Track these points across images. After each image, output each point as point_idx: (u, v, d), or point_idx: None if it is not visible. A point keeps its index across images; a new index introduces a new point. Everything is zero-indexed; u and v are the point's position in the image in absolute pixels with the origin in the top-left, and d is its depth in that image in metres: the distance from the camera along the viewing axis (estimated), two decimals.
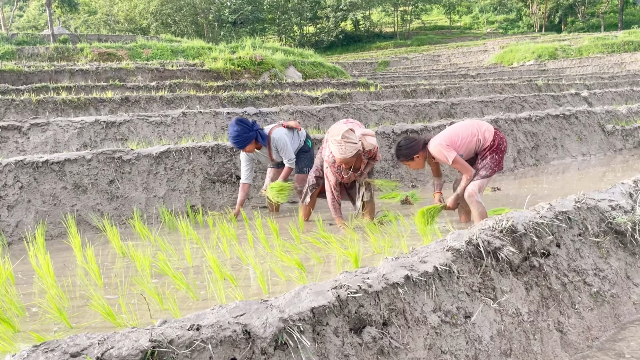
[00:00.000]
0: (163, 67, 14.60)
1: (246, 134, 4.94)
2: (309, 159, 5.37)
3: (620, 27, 46.32)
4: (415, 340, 2.22)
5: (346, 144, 4.14)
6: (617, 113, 9.94)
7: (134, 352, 1.71)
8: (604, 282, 3.10)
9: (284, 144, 5.12)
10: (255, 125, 5.05)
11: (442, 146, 4.27)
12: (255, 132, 5.01)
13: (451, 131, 4.42)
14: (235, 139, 4.94)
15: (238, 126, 4.92)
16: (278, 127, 5.23)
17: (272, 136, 5.14)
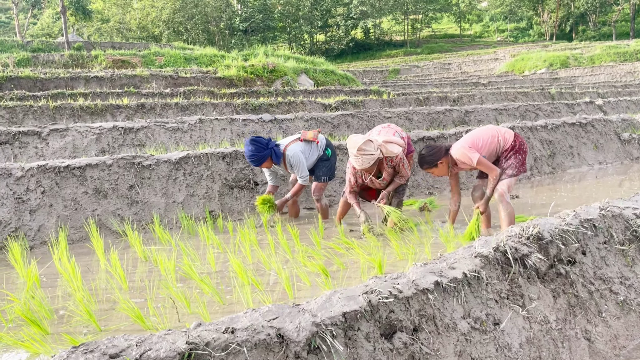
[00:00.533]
0: (177, 75, 14.73)
1: (261, 152, 5.01)
2: (328, 168, 5.34)
3: (632, 35, 46.13)
4: (445, 346, 2.21)
5: (363, 157, 4.30)
6: (634, 121, 9.88)
7: (171, 354, 1.72)
8: (630, 290, 3.07)
9: (297, 161, 5.13)
10: (270, 143, 5.08)
11: (465, 148, 4.30)
12: (270, 151, 5.05)
13: (472, 135, 4.45)
14: (251, 158, 5.02)
15: (252, 146, 4.99)
16: (294, 143, 5.20)
17: (286, 153, 5.16)
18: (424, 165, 4.44)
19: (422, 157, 4.42)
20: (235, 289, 3.09)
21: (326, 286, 2.95)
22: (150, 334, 1.81)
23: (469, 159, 4.28)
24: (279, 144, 5.22)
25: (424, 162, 4.43)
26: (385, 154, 4.47)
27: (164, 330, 1.85)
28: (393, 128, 4.90)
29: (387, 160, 4.58)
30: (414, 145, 6.91)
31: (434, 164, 4.39)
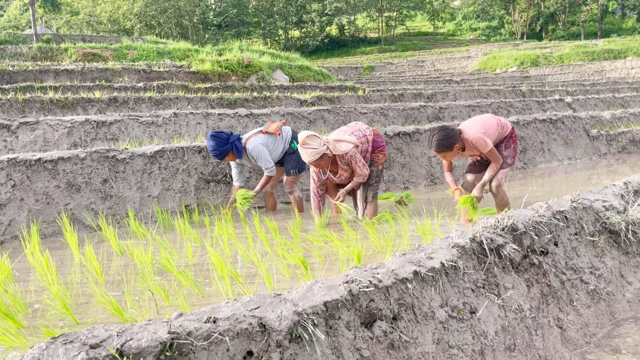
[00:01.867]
0: (150, 68, 14.52)
1: (222, 147, 5.06)
2: (296, 161, 5.37)
3: (599, 35, 47.29)
4: (423, 334, 2.25)
5: (306, 150, 4.46)
6: (601, 118, 10.15)
7: (153, 343, 1.71)
8: (600, 280, 3.17)
9: (258, 154, 5.16)
10: (231, 137, 5.10)
11: (481, 134, 4.34)
12: (231, 145, 5.09)
13: (481, 121, 4.49)
14: (213, 153, 5.10)
15: (213, 141, 5.03)
16: (255, 136, 5.23)
17: (247, 147, 5.18)
18: (443, 148, 4.32)
19: (440, 140, 4.30)
20: (214, 281, 3.09)
21: (305, 278, 2.97)
22: (131, 325, 1.79)
23: (484, 144, 4.32)
24: (241, 137, 5.24)
25: (443, 145, 4.30)
26: (333, 151, 4.58)
27: (145, 320, 1.84)
28: (356, 127, 4.96)
29: (340, 158, 4.69)
30: (390, 140, 6.97)
31: (451, 148, 4.31)
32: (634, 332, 2.79)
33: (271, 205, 5.61)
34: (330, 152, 4.60)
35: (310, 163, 4.57)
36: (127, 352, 1.65)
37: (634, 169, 7.66)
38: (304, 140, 4.47)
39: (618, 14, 54.54)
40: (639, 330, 2.80)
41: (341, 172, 4.80)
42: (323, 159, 4.56)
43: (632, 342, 2.69)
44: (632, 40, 37.42)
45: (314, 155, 4.48)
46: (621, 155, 9.45)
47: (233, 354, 1.81)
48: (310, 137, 4.47)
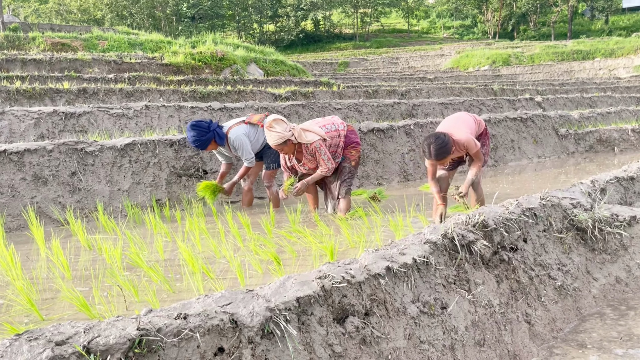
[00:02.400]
0: (121, 60, 14.23)
1: (203, 137, 5.02)
2: (275, 155, 5.33)
3: (569, 36, 48.32)
4: (395, 330, 2.26)
5: (271, 133, 4.55)
6: (570, 118, 10.37)
7: (121, 340, 1.68)
8: (567, 276, 3.24)
9: (239, 144, 5.12)
10: (212, 126, 5.06)
11: (470, 135, 4.38)
12: (213, 133, 5.05)
13: (462, 122, 4.52)
14: (194, 143, 5.04)
15: (194, 131, 4.99)
16: (237, 126, 5.19)
17: (229, 136, 5.14)
18: (444, 155, 4.21)
19: (440, 148, 4.18)
20: (185, 276, 3.04)
21: (278, 273, 2.96)
22: (99, 321, 1.75)
23: (474, 145, 4.34)
24: (222, 125, 5.20)
25: (443, 152, 4.19)
26: (298, 139, 4.64)
27: (113, 316, 1.80)
28: (330, 120, 4.98)
29: (305, 147, 4.73)
30: (364, 136, 6.99)
31: (450, 153, 4.25)
32: (599, 327, 2.86)
33: (248, 201, 5.57)
34: (295, 140, 4.65)
35: (274, 146, 4.64)
36: (95, 349, 1.61)
37: (601, 168, 7.86)
38: (270, 123, 4.55)
39: (587, 16, 55.83)
40: (604, 326, 2.87)
41: (305, 162, 4.84)
42: (287, 145, 4.63)
43: (598, 337, 2.75)
44: (600, 41, 38.35)
45: (277, 139, 4.55)
46: (588, 154, 9.68)
47: (204, 350, 1.79)
48: (276, 121, 4.56)
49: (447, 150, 4.17)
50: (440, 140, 4.16)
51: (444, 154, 4.18)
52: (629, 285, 3.36)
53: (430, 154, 4.17)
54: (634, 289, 3.34)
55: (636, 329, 2.78)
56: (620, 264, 3.43)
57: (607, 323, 2.90)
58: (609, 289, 3.33)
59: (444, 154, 4.18)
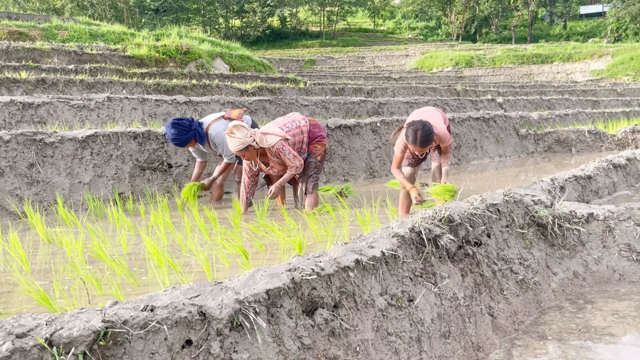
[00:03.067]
0: (82, 50, 13.82)
1: (184, 135, 4.97)
2: None
3: (529, 40, 49.67)
4: (363, 322, 2.27)
5: (231, 139, 4.49)
6: (530, 119, 10.67)
7: (85, 332, 1.63)
8: (528, 270, 3.33)
9: (220, 140, 5.09)
10: (193, 124, 5.01)
11: (445, 129, 4.46)
12: (194, 132, 5.02)
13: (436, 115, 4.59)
14: (174, 141, 4.98)
15: (175, 129, 4.92)
16: (217, 122, 5.14)
17: (209, 133, 5.09)
18: (429, 142, 4.28)
19: (426, 136, 4.24)
20: (150, 269, 2.98)
21: (246, 267, 2.93)
22: (62, 313, 1.70)
23: (448, 138, 4.45)
24: (201, 122, 5.13)
25: (429, 140, 4.26)
26: (260, 143, 4.60)
27: (77, 309, 1.75)
28: (290, 118, 4.97)
29: (268, 150, 4.69)
30: (331, 132, 7.00)
31: (432, 141, 4.32)
32: (558, 320, 2.95)
33: (217, 196, 5.52)
34: (257, 145, 4.60)
35: (236, 153, 4.59)
36: (57, 341, 1.56)
37: (559, 167, 8.11)
38: (230, 129, 4.50)
39: (547, 21, 57.52)
40: (562, 318, 2.97)
41: (272, 165, 4.81)
42: (249, 150, 4.57)
43: (557, 329, 2.84)
44: (558, 46, 39.59)
45: (238, 145, 4.50)
46: (547, 154, 9.98)
47: (171, 342, 1.76)
48: (237, 127, 4.50)
49: (432, 139, 4.26)
50: (427, 127, 4.23)
51: (428, 141, 4.25)
52: (586, 279, 3.47)
53: (417, 140, 4.22)
54: (591, 283, 3.46)
55: (593, 322, 2.88)
56: (578, 259, 3.54)
57: (565, 316, 3.00)
58: (568, 283, 3.44)
59: (429, 142, 4.25)
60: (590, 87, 23.68)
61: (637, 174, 6.31)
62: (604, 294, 3.30)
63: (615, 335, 2.69)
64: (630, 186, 6.05)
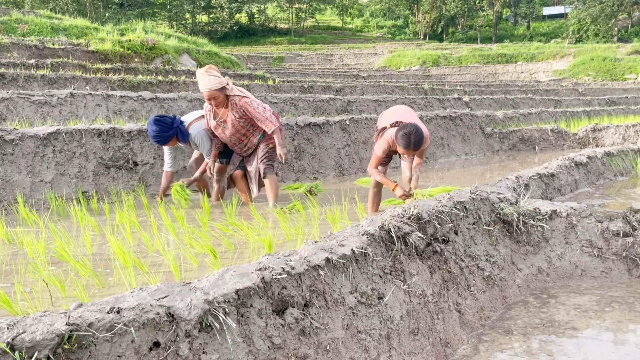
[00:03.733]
0: (43, 45, 13.40)
1: (166, 133, 4.88)
2: (228, 151, 5.30)
3: (494, 40, 50.64)
4: (334, 320, 2.28)
5: (209, 77, 4.53)
6: (495, 117, 10.88)
7: (49, 336, 1.58)
8: (494, 267, 3.39)
9: (200, 140, 5.05)
10: (175, 122, 4.93)
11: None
12: (176, 130, 4.94)
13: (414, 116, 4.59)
14: (155, 139, 4.88)
15: (157, 126, 4.82)
16: (197, 122, 5.09)
17: (190, 132, 5.03)
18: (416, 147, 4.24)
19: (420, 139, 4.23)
20: (116, 270, 2.92)
21: (215, 267, 2.90)
22: (24, 316, 1.64)
23: (428, 141, 4.44)
24: (182, 120, 5.06)
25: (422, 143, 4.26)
26: (231, 91, 4.67)
27: (40, 312, 1.69)
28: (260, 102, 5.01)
29: (233, 104, 4.72)
30: (300, 130, 6.99)
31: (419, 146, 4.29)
32: (524, 315, 3.02)
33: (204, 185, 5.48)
34: (229, 90, 4.66)
35: (209, 93, 4.56)
36: (20, 345, 1.51)
37: (523, 165, 8.29)
38: (207, 68, 4.53)
39: (511, 21, 58.76)
40: (527, 313, 3.03)
41: (229, 123, 4.77)
42: (222, 93, 4.60)
43: (522, 324, 2.90)
44: (522, 46, 40.50)
45: (216, 84, 4.52)
46: (512, 152, 10.20)
47: (138, 345, 1.72)
48: (212, 68, 4.58)
49: (423, 142, 4.25)
50: (419, 132, 4.22)
51: (420, 145, 4.24)
52: (550, 275, 3.56)
53: (410, 144, 4.20)
54: (555, 278, 3.55)
55: (557, 316, 2.95)
56: (542, 255, 3.63)
57: (530, 311, 3.07)
58: (532, 278, 3.52)
59: (420, 145, 4.25)
60: (553, 86, 24.31)
61: (597, 171, 6.50)
62: (567, 288, 3.39)
63: (578, 329, 2.77)
64: (592, 183, 6.23)
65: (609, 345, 2.59)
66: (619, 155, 7.10)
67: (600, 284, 3.45)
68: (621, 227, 3.65)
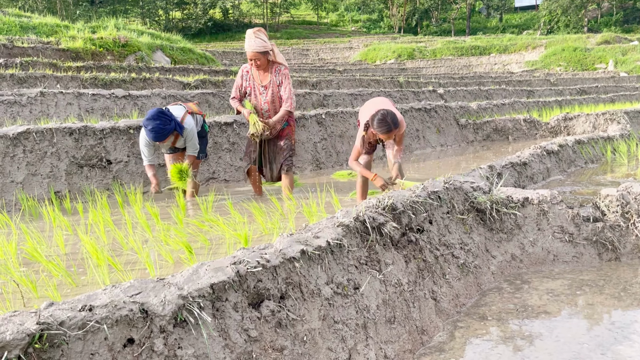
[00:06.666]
0: (12, 44, 13.08)
1: (168, 125, 4.76)
2: (205, 145, 5.38)
3: (467, 32, 51.13)
4: (310, 311, 2.29)
5: (256, 39, 4.70)
6: (469, 109, 11.00)
7: (19, 336, 1.56)
8: (469, 254, 3.44)
9: (192, 134, 5.07)
10: (172, 116, 4.85)
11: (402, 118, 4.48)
12: (174, 124, 4.84)
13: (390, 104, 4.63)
14: (158, 133, 4.70)
15: (159, 120, 4.69)
16: (187, 117, 5.04)
17: (184, 126, 4.98)
18: (395, 127, 4.31)
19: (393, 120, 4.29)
20: (89, 269, 2.88)
21: (190, 262, 2.88)
22: None
23: (404, 127, 4.52)
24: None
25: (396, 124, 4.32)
26: (276, 57, 4.85)
27: (10, 312, 1.67)
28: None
29: (275, 69, 4.89)
30: None
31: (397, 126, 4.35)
32: (498, 301, 3.07)
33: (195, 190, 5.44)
34: (273, 55, 4.81)
35: (252, 54, 4.69)
36: None
37: (497, 155, 8.41)
38: (254, 31, 4.72)
39: (484, 14, 59.39)
40: (502, 299, 3.09)
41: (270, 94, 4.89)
42: (264, 57, 4.75)
43: (496, 310, 2.96)
44: (495, 38, 40.97)
45: (259, 47, 4.68)
46: (486, 142, 10.33)
47: (112, 342, 1.71)
48: (261, 31, 4.75)
49: (396, 124, 4.31)
50: (391, 114, 4.30)
51: (394, 126, 4.30)
52: (523, 261, 3.63)
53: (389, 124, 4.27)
54: (528, 264, 3.62)
55: (530, 301, 3.02)
56: (515, 242, 3.70)
57: (504, 296, 3.13)
58: (506, 265, 3.58)
59: (396, 126, 4.31)
60: (526, 77, 24.66)
61: (569, 159, 6.64)
62: (539, 274, 3.46)
63: (551, 313, 2.84)
64: (563, 171, 6.36)
65: (580, 328, 2.66)
66: (589, 143, 7.25)
67: (572, 268, 3.53)
68: (591, 212, 3.74)
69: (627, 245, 3.67)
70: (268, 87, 4.89)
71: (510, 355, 2.43)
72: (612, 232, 3.68)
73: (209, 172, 6.25)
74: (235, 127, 6.61)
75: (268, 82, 4.89)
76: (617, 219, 3.72)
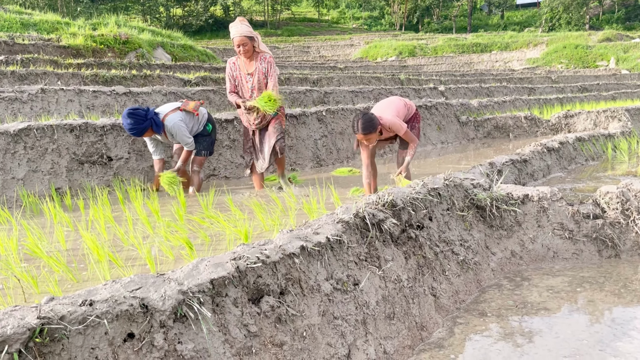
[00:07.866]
0: (12, 41, 13.09)
1: (140, 125, 4.92)
2: (209, 143, 5.42)
3: (469, 30, 51.06)
4: (310, 307, 2.30)
5: (242, 25, 4.94)
6: (470, 106, 10.99)
7: (20, 330, 1.57)
8: (468, 251, 3.45)
9: (177, 130, 5.08)
10: (149, 113, 4.97)
11: (395, 118, 4.58)
12: (150, 121, 4.98)
13: (391, 105, 4.68)
14: (131, 131, 4.94)
15: (131, 119, 4.87)
16: (173, 113, 5.11)
17: (165, 123, 5.04)
18: (370, 129, 4.42)
19: (365, 122, 4.42)
20: (90, 265, 2.89)
21: (191, 258, 2.89)
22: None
23: (399, 127, 4.56)
24: (158, 112, 5.05)
25: (369, 126, 4.42)
26: (259, 45, 5.06)
27: (11, 306, 1.68)
28: None
29: (260, 57, 5.09)
30: None
31: (375, 129, 4.44)
32: (497, 297, 3.08)
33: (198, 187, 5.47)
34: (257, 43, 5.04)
35: (240, 38, 4.91)
36: None
37: (498, 152, 8.41)
38: (241, 19, 4.98)
39: (485, 11, 59.29)
40: (501, 296, 3.10)
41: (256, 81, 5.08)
42: (251, 42, 4.99)
43: (496, 306, 2.96)
44: (496, 35, 40.90)
45: (246, 31, 4.92)
46: (487, 139, 10.33)
47: (112, 337, 1.72)
48: (245, 20, 4.98)
49: (373, 125, 4.43)
50: (366, 116, 4.45)
51: (369, 128, 4.42)
52: (522, 258, 3.64)
53: (358, 128, 4.44)
54: (527, 261, 3.62)
55: (530, 297, 3.02)
56: (515, 239, 3.70)
57: (504, 293, 3.13)
58: (506, 262, 3.59)
59: (370, 129, 4.43)
60: (527, 74, 24.62)
61: (569, 157, 6.63)
62: (539, 271, 3.47)
63: (550, 310, 2.84)
64: (563, 168, 6.36)
65: (579, 324, 2.67)
66: (590, 140, 7.25)
67: (572, 265, 3.53)
68: (591, 209, 3.74)
69: (627, 242, 3.67)
70: (254, 74, 5.12)
71: (510, 351, 2.43)
72: (612, 229, 3.68)
73: (210, 169, 6.26)
74: (236, 124, 6.61)
75: (253, 69, 5.12)
76: (617, 216, 3.72)
